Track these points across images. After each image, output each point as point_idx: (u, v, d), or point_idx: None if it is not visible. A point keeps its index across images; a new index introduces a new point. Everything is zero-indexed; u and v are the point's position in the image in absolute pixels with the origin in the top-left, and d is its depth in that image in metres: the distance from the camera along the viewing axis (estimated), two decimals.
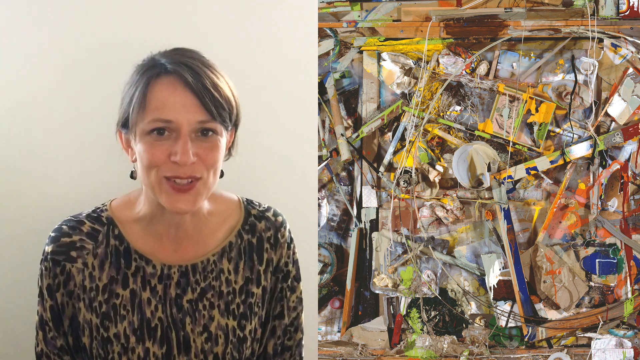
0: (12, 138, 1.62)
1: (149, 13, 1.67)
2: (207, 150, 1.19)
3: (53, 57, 1.63)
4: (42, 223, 1.59)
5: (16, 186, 1.63)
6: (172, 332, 1.26)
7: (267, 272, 1.34)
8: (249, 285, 1.32)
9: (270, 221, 1.38)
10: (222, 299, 1.29)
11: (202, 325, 1.27)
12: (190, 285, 1.28)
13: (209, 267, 1.29)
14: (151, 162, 1.17)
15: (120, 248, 1.27)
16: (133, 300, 1.26)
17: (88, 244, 1.26)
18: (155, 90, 1.18)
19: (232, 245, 1.32)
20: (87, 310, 1.25)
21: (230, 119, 1.23)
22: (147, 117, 1.17)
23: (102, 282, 1.25)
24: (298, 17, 1.78)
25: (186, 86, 1.17)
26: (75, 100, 1.64)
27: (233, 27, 1.72)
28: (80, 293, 1.25)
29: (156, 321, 1.26)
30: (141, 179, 1.22)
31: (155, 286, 1.26)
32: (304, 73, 1.80)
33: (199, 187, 1.19)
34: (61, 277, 1.25)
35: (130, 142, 1.24)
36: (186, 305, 1.27)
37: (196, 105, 1.17)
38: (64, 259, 1.25)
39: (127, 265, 1.26)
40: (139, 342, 1.24)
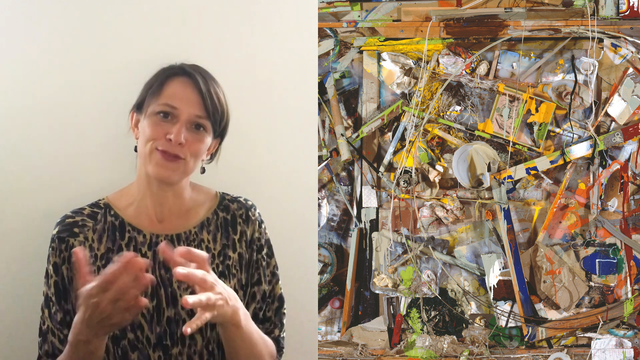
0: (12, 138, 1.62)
1: (149, 13, 1.67)
2: (194, 140, 1.47)
3: (53, 57, 1.63)
4: (43, 223, 1.59)
5: (16, 186, 1.63)
6: (161, 289, 1.47)
7: (241, 241, 1.56)
8: (225, 250, 1.54)
9: (241, 203, 1.60)
10: None
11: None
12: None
13: (191, 237, 1.53)
14: (151, 136, 1.44)
15: (115, 223, 1.50)
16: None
17: (89, 222, 1.49)
18: (171, 84, 1.48)
19: (209, 220, 1.56)
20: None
21: (219, 124, 1.51)
22: (159, 101, 1.46)
23: (100, 252, 1.47)
24: (298, 17, 1.78)
25: (195, 87, 1.47)
26: (75, 100, 1.64)
27: (233, 27, 1.72)
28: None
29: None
30: (139, 150, 1.49)
31: (146, 253, 1.49)
32: (304, 73, 1.80)
33: (179, 164, 1.45)
34: (65, 252, 1.45)
35: (138, 122, 1.51)
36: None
37: (198, 102, 1.46)
38: (67, 235, 1.46)
39: (122, 237, 1.49)
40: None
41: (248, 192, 1.64)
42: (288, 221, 1.74)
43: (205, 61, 1.53)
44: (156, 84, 1.48)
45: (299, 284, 1.77)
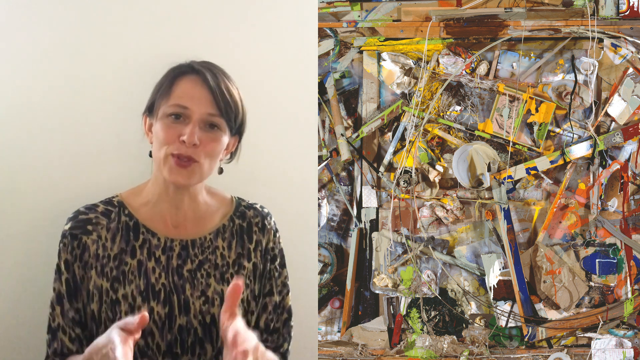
0: (13, 138, 1.62)
1: (149, 13, 1.67)
2: (209, 140, 1.42)
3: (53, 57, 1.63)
4: (43, 223, 1.59)
5: (16, 186, 1.62)
6: (174, 295, 1.44)
7: (256, 250, 1.54)
8: (240, 259, 1.51)
9: (257, 211, 1.58)
10: (217, 270, 1.49)
11: (200, 290, 1.45)
12: (190, 257, 1.47)
13: (206, 244, 1.49)
14: (164, 139, 1.40)
15: (130, 223, 1.46)
16: (140, 268, 1.43)
17: (102, 220, 1.45)
18: (180, 84, 1.43)
19: (225, 227, 1.53)
20: (98, 276, 1.41)
21: (235, 121, 1.46)
22: (169, 102, 1.42)
23: (114, 252, 1.43)
24: (298, 17, 1.78)
25: (204, 84, 1.42)
26: (76, 100, 1.64)
27: (233, 27, 1.72)
28: (93, 262, 1.42)
29: (160, 286, 1.43)
30: (154, 154, 1.44)
31: (159, 257, 1.45)
32: (304, 73, 1.80)
33: (194, 167, 1.41)
34: (77, 250, 1.42)
35: (151, 127, 1.46)
36: (186, 274, 1.46)
37: (210, 100, 1.42)
38: (80, 232, 1.43)
39: (136, 238, 1.45)
40: (145, 302, 1.41)
41: (248, 192, 1.64)
42: (288, 221, 1.73)
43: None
44: (165, 85, 1.45)
45: (299, 284, 1.77)
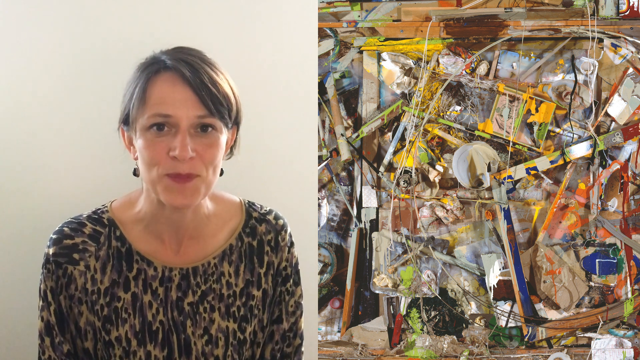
0: (13, 138, 1.62)
1: (150, 12, 1.67)
2: (206, 146, 1.19)
3: (53, 57, 1.63)
4: (43, 223, 1.59)
5: (17, 186, 1.62)
6: (174, 335, 1.26)
7: (267, 275, 1.35)
8: (249, 288, 1.32)
9: (271, 224, 1.38)
10: (222, 302, 1.30)
11: (203, 328, 1.28)
12: (191, 288, 1.28)
13: (209, 270, 1.30)
14: (152, 159, 1.17)
15: (122, 250, 1.26)
16: (134, 303, 1.26)
17: (90, 246, 1.25)
18: (155, 86, 1.18)
19: (232, 248, 1.32)
20: (89, 313, 1.25)
21: (229, 116, 1.23)
22: (147, 112, 1.17)
23: (104, 285, 1.25)
24: (298, 17, 1.77)
25: (184, 82, 1.17)
26: (76, 100, 1.64)
27: (233, 27, 1.72)
28: (81, 296, 1.25)
29: (157, 324, 1.26)
30: (143, 176, 1.22)
31: (157, 289, 1.26)
32: (304, 73, 1.79)
33: (197, 183, 1.18)
34: (63, 279, 1.24)
35: (132, 140, 1.23)
36: (187, 308, 1.28)
37: (195, 100, 1.17)
38: (66, 262, 1.24)
39: (129, 268, 1.26)
40: (141, 345, 1.25)
41: (248, 192, 1.64)
42: (288, 221, 1.73)
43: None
44: (137, 91, 1.19)
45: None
